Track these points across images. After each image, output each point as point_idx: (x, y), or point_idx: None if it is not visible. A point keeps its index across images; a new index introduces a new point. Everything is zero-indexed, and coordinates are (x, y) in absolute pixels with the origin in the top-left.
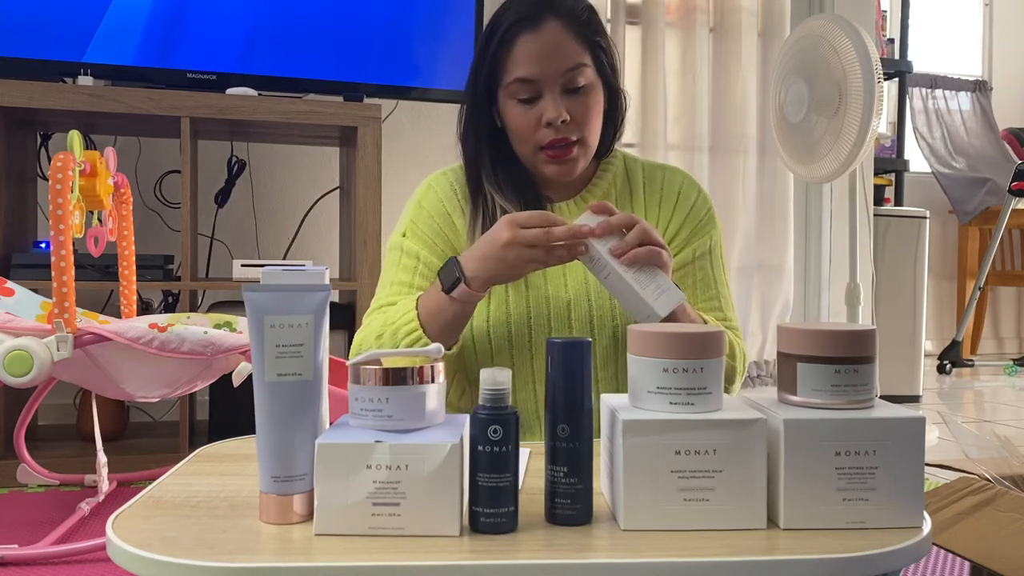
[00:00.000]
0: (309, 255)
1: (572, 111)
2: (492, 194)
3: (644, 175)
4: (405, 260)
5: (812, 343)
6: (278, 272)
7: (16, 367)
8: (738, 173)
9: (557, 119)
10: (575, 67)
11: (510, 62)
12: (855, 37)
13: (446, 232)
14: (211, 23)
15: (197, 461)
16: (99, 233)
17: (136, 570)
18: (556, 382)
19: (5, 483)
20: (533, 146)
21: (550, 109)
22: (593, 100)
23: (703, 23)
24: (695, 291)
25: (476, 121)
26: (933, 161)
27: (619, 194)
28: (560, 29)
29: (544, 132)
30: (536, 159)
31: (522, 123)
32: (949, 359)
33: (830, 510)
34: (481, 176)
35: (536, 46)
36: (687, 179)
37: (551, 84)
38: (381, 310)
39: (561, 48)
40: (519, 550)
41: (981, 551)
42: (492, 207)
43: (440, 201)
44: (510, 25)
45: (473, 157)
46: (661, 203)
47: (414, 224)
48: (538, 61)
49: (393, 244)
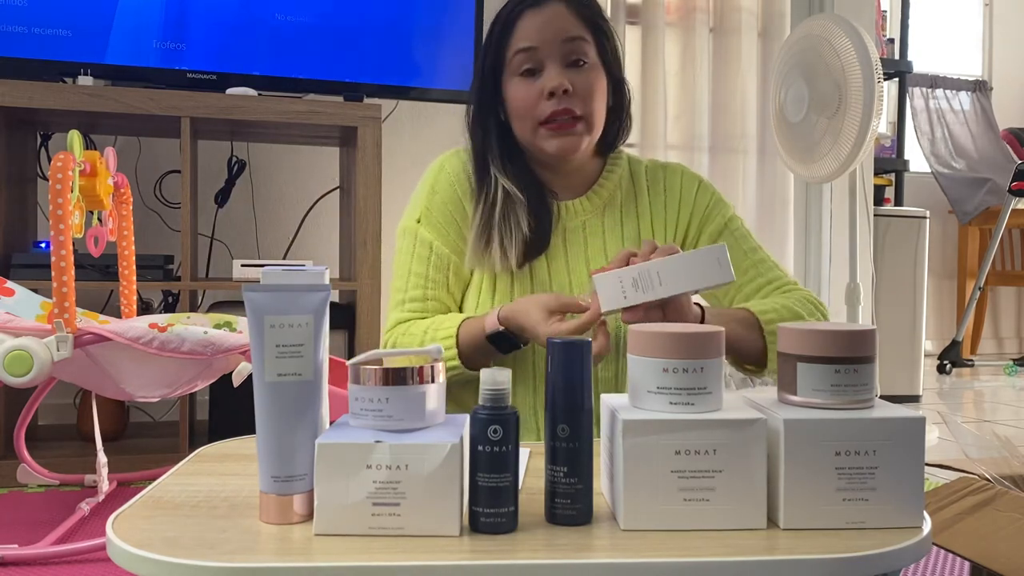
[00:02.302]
0: (309, 255)
1: (575, 83)
2: (497, 176)
3: (648, 177)
4: (420, 249)
5: (812, 343)
6: (278, 272)
7: (16, 367)
8: (738, 173)
9: (559, 88)
10: (575, 38)
11: (513, 40)
12: (855, 37)
13: (458, 220)
14: (211, 23)
15: (197, 461)
16: (99, 233)
17: (136, 570)
18: (556, 382)
19: (5, 483)
20: (534, 121)
21: (553, 78)
22: (596, 78)
23: (703, 23)
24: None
25: (483, 109)
26: (933, 161)
27: (624, 196)
28: (562, 7)
29: (545, 105)
30: (536, 135)
31: (523, 96)
32: (949, 359)
33: (830, 510)
34: (488, 162)
35: (538, 20)
36: (685, 174)
37: (552, 54)
38: (406, 324)
39: (563, 20)
40: (519, 550)
41: (981, 551)
42: (495, 192)
43: (452, 185)
44: (513, 7)
45: (480, 146)
46: (666, 205)
47: (428, 211)
48: (539, 31)
49: (407, 228)
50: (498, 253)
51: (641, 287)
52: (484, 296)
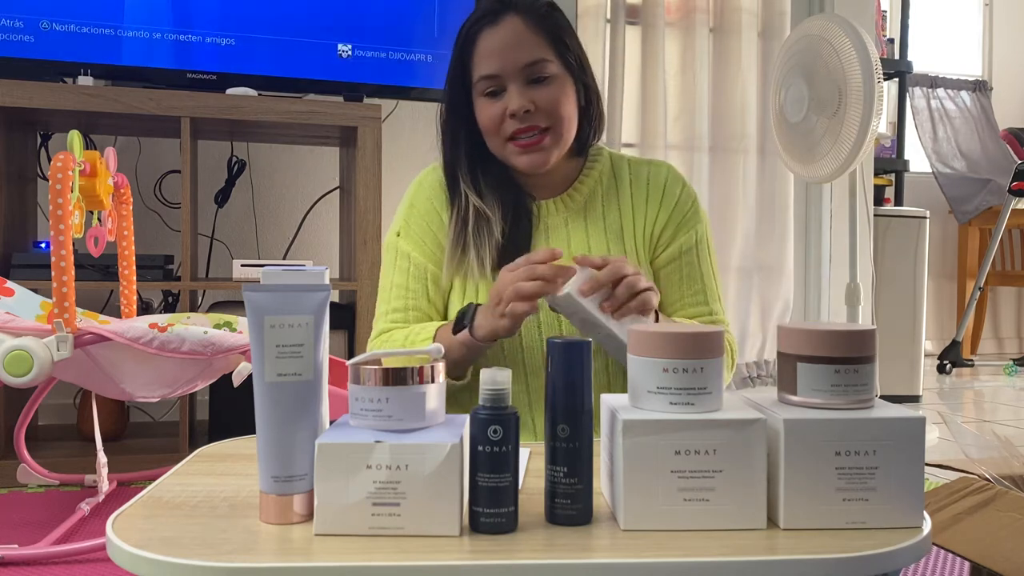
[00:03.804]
0: (309, 255)
1: (537, 100)
2: (467, 193)
3: (630, 171)
4: (400, 262)
5: (812, 343)
6: (278, 272)
7: (16, 367)
8: (738, 173)
9: (520, 109)
10: (536, 61)
11: (475, 60)
12: (855, 37)
13: (435, 231)
14: (211, 22)
15: (197, 461)
16: (99, 233)
17: (136, 570)
18: (556, 382)
19: (5, 483)
20: (501, 139)
21: (513, 100)
22: (559, 90)
23: (703, 23)
24: (681, 286)
25: (452, 122)
26: (933, 161)
27: (605, 191)
28: (519, 23)
29: (509, 123)
30: (506, 152)
31: (488, 116)
32: (949, 359)
33: (830, 510)
34: (458, 177)
35: (496, 41)
36: (671, 173)
37: (513, 77)
38: (387, 334)
39: (521, 42)
40: (519, 550)
41: (981, 551)
42: (466, 207)
43: (429, 199)
44: (472, 24)
45: (450, 158)
46: (648, 199)
47: (407, 224)
48: (499, 55)
49: (389, 244)
50: (475, 262)
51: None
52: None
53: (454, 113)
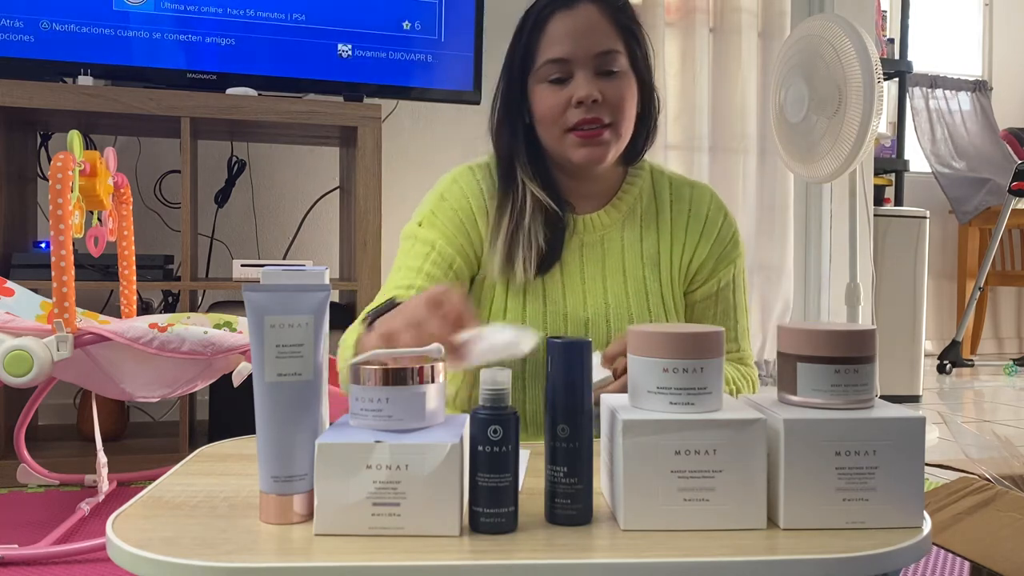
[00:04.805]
0: (309, 255)
1: (605, 92)
2: (525, 182)
3: (671, 192)
4: (418, 247)
5: (812, 343)
6: (278, 272)
7: (16, 367)
8: (738, 173)
9: (589, 98)
10: (608, 51)
11: (543, 43)
12: (855, 37)
13: (467, 228)
14: (211, 23)
15: (197, 461)
16: (99, 233)
17: (136, 570)
18: (556, 382)
19: (5, 483)
20: (560, 129)
21: (582, 87)
22: (626, 87)
23: (703, 23)
24: (715, 322)
25: (511, 110)
26: (933, 161)
27: (644, 210)
28: (595, 11)
29: (573, 112)
30: (563, 143)
31: (551, 104)
32: (949, 359)
33: (830, 510)
34: (515, 166)
35: (570, 25)
36: (714, 202)
37: (583, 64)
38: None
39: (595, 29)
40: (519, 550)
41: (981, 551)
42: (522, 200)
43: (465, 197)
44: (544, 6)
45: (507, 149)
46: (688, 228)
47: (433, 215)
48: (571, 39)
49: (407, 233)
50: (521, 265)
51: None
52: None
53: (514, 105)
